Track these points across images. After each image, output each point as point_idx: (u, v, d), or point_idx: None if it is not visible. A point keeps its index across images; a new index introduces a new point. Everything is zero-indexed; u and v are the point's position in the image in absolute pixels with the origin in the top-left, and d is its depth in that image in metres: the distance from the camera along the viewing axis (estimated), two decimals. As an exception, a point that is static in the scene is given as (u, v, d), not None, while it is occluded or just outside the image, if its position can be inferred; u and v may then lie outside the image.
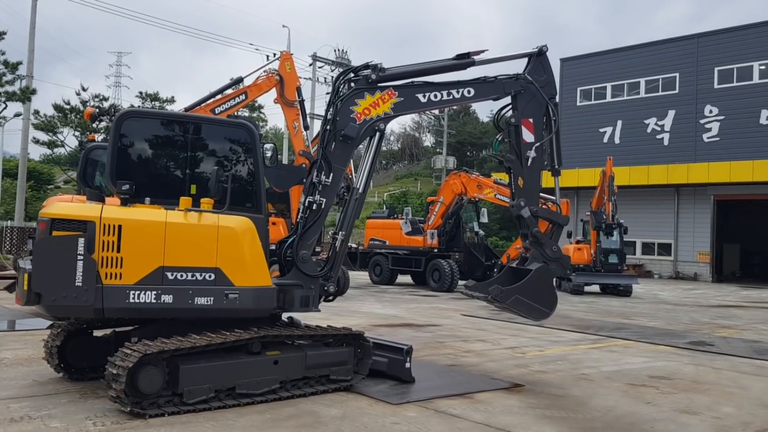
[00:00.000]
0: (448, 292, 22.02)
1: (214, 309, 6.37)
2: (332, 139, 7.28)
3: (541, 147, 8.13)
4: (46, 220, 6.03)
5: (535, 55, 8.19)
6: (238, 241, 6.60)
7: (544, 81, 8.18)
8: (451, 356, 9.69)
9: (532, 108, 8.11)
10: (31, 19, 29.46)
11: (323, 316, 14.03)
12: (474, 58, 7.80)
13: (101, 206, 6.13)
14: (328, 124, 7.30)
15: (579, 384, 8.19)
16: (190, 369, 6.11)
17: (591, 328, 13.83)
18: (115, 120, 6.56)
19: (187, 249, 6.34)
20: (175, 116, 7.34)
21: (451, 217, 23.67)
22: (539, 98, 8.13)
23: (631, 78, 44.01)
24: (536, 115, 8.14)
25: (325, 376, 7.08)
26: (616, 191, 24.86)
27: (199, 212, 6.43)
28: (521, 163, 8.12)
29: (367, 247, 25.49)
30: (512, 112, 8.19)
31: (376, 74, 7.34)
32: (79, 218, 6.00)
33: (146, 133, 6.83)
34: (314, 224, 7.24)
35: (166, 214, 6.30)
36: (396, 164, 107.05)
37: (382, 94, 7.38)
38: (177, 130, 6.94)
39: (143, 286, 6.11)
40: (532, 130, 8.11)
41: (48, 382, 6.96)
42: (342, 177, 7.45)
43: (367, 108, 7.34)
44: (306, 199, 7.21)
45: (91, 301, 5.92)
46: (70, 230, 5.96)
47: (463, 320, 14.37)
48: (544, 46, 8.22)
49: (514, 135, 8.17)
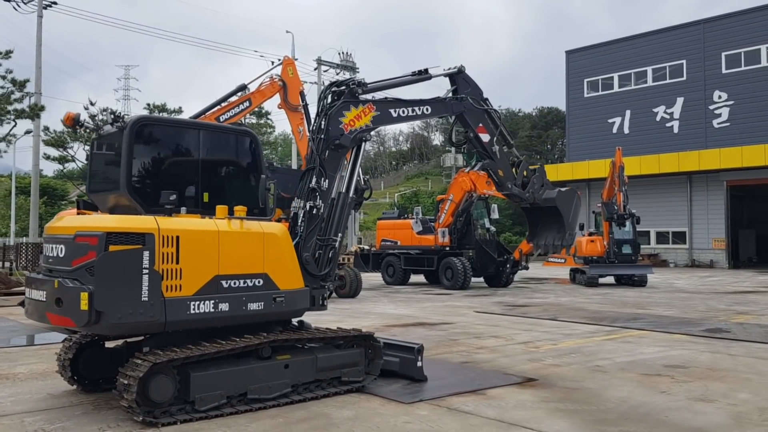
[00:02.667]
0: (462, 289, 21.96)
1: (263, 313, 6.60)
2: (326, 147, 7.59)
3: (497, 138, 10.16)
4: (99, 234, 5.76)
5: (456, 74, 9.74)
6: (280, 246, 6.83)
7: (471, 91, 9.85)
8: (464, 353, 9.67)
9: (477, 116, 9.92)
10: (37, 37, 29.72)
11: (337, 318, 14.10)
12: (431, 74, 9.26)
13: (155, 218, 6.08)
14: (321, 133, 7.65)
15: (593, 376, 8.14)
16: (201, 376, 6.13)
17: (605, 320, 13.74)
18: (129, 126, 6.51)
19: (238, 257, 6.46)
20: (187, 123, 7.39)
21: (461, 214, 23.59)
22: (476, 109, 9.90)
23: (638, 67, 43.78)
24: (482, 119, 10.00)
25: (337, 378, 7.09)
26: (626, 181, 24.72)
27: (241, 220, 6.55)
28: (493, 159, 10.22)
29: (379, 248, 25.49)
30: (465, 127, 9.97)
31: (361, 89, 7.98)
32: (137, 231, 5.89)
33: (159, 140, 6.86)
34: (314, 228, 7.37)
35: (216, 223, 6.36)
36: (406, 164, 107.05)
37: (364, 108, 8.01)
38: (189, 136, 6.98)
39: (202, 296, 6.17)
40: (485, 131, 10.02)
41: (62, 395, 7.01)
42: (334, 182, 7.62)
43: (353, 120, 7.86)
44: (306, 204, 7.31)
45: (156, 316, 5.89)
46: (129, 244, 5.80)
47: (476, 317, 14.33)
48: (462, 65, 9.83)
49: (477, 144, 10.03)
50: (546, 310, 15.74)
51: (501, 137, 10.26)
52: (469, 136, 9.99)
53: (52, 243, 6.29)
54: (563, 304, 17.62)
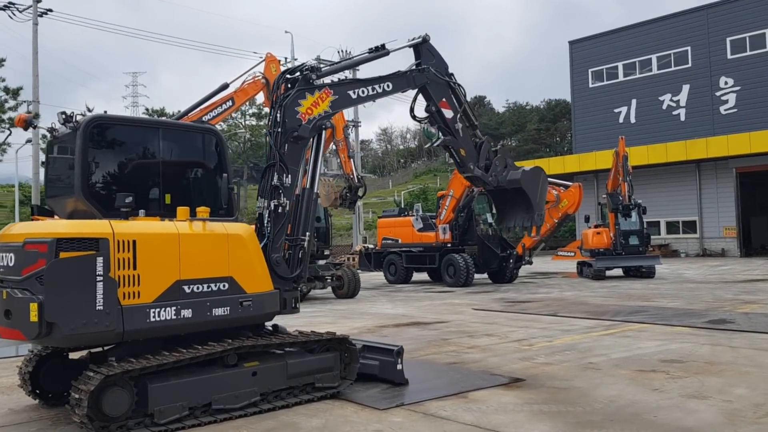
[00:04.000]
0: (465, 286, 21.57)
1: (230, 318, 6.28)
2: (285, 141, 7.20)
3: (461, 116, 9.49)
4: (48, 240, 5.45)
5: (420, 44, 9.14)
6: (246, 247, 6.52)
7: (436, 63, 9.22)
8: (453, 354, 9.31)
9: (440, 90, 9.26)
10: (33, 45, 29.65)
11: (331, 319, 13.80)
12: (388, 49, 8.66)
13: (109, 222, 5.77)
14: (278, 126, 7.23)
15: (584, 374, 7.76)
16: (160, 387, 5.81)
17: (606, 314, 13.33)
18: (82, 126, 6.18)
19: (200, 260, 6.16)
20: (146, 122, 7.11)
21: (462, 210, 23.19)
22: (441, 81, 9.23)
23: (642, 55, 43.18)
24: (445, 93, 9.34)
25: (310, 384, 6.76)
26: (630, 171, 24.19)
27: (203, 221, 6.24)
28: (455, 137, 9.51)
29: (381, 247, 25.13)
30: (427, 101, 9.27)
31: (315, 74, 7.51)
32: (90, 236, 5.56)
33: (115, 140, 6.55)
34: (282, 226, 7.01)
35: (176, 226, 6.06)
36: (414, 162, 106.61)
37: (320, 93, 7.56)
38: (147, 136, 6.66)
39: (162, 302, 5.86)
40: (449, 106, 9.38)
41: (24, 410, 6.73)
42: (296, 177, 7.21)
43: (310, 108, 7.43)
44: (270, 203, 6.95)
45: (113, 325, 5.58)
46: (82, 249, 5.49)
47: (473, 315, 13.96)
48: (426, 35, 9.20)
49: (439, 119, 9.38)
50: (547, 306, 15.34)
51: (465, 116, 9.61)
52: (431, 110, 9.39)
53: (2, 252, 5.98)
54: (566, 298, 17.20)
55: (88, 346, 6.26)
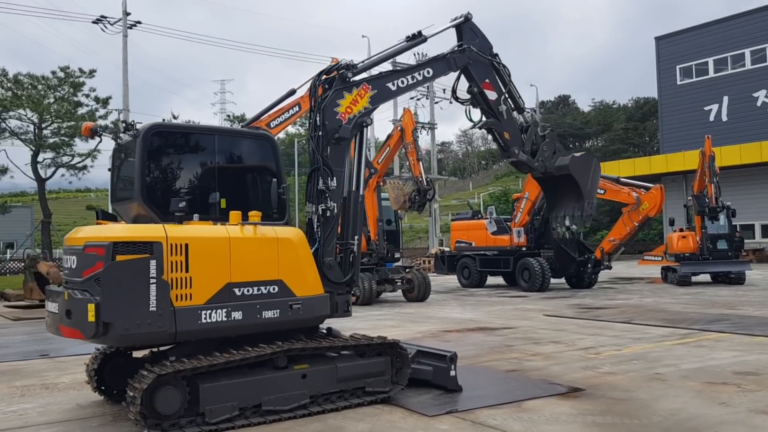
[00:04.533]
0: (540, 291, 21.11)
1: (280, 321, 6.37)
2: (327, 144, 7.13)
3: (505, 98, 9.24)
4: (105, 244, 5.70)
5: (462, 23, 8.85)
6: (296, 251, 6.60)
7: (479, 42, 8.92)
8: (515, 361, 9.11)
9: (483, 71, 8.99)
10: (123, 55, 31.07)
11: (396, 323, 13.80)
12: (425, 35, 8.26)
13: (163, 226, 5.99)
14: (319, 130, 7.15)
15: (648, 385, 7.43)
16: (211, 387, 5.95)
17: (685, 322, 12.73)
18: (141, 133, 6.45)
19: (251, 263, 6.28)
20: (201, 129, 7.28)
21: (538, 213, 22.74)
22: (484, 60, 8.96)
23: (735, 50, 41.07)
24: (489, 74, 9.08)
25: (361, 388, 6.77)
26: (717, 172, 23.05)
27: (254, 225, 6.37)
28: (499, 119, 9.21)
29: (454, 250, 24.95)
30: (469, 82, 8.99)
31: (351, 72, 7.35)
32: (144, 239, 5.77)
33: (173, 147, 6.78)
34: (332, 230, 7.03)
35: (227, 230, 6.23)
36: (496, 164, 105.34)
37: (359, 90, 7.40)
38: (204, 142, 6.87)
39: (214, 304, 6.01)
40: (492, 88, 9.11)
41: (90, 405, 7.05)
42: (342, 178, 7.17)
43: (349, 106, 7.30)
44: (317, 208, 6.97)
45: (166, 326, 5.77)
46: (136, 253, 5.71)
47: (543, 321, 13.63)
48: (469, 13, 8.90)
49: (481, 100, 9.10)
50: (623, 313, 14.81)
51: (510, 98, 9.28)
52: (473, 91, 9.01)
53: (67, 255, 6.31)
54: (645, 305, 16.54)
55: (142, 345, 6.48)
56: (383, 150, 18.55)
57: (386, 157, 18.31)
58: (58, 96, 25.95)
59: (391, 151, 18.38)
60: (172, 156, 6.71)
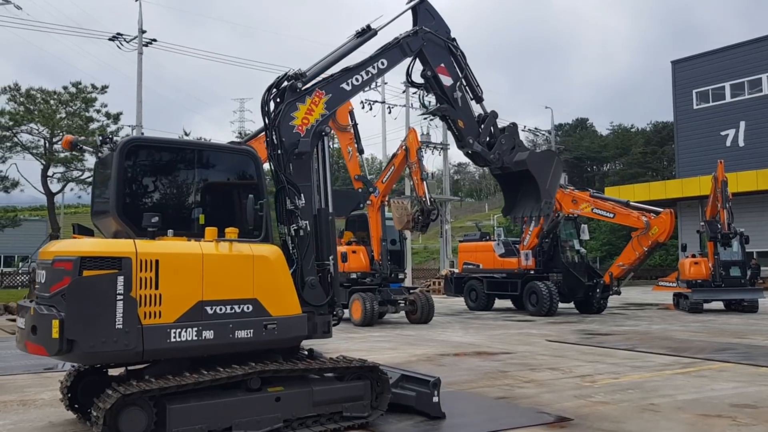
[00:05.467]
0: (548, 315, 20.74)
1: (253, 341, 6.17)
2: (288, 161, 6.89)
3: (461, 84, 8.78)
4: (73, 259, 5.59)
5: (419, 4, 8.48)
6: (273, 269, 6.41)
7: (436, 25, 8.58)
8: (507, 388, 8.84)
9: (438, 54, 8.57)
10: (138, 73, 31.43)
11: (393, 345, 13.56)
12: (375, 29, 7.91)
13: (133, 241, 5.86)
14: (277, 148, 6.89)
15: (640, 416, 7.15)
16: (179, 409, 5.77)
17: (689, 351, 12.37)
18: (118, 148, 6.32)
19: (224, 281, 6.12)
20: (180, 143, 7.17)
21: (547, 235, 22.44)
22: (440, 43, 8.59)
23: (752, 74, 40.68)
24: (444, 59, 8.64)
25: (338, 413, 6.55)
26: (730, 197, 22.65)
27: (230, 242, 6.20)
28: (453, 106, 8.71)
29: (462, 272, 24.66)
30: (423, 65, 8.53)
31: (301, 81, 7.05)
32: (112, 255, 5.65)
33: (151, 161, 6.66)
34: (308, 248, 6.82)
35: (201, 246, 6.09)
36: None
37: (312, 98, 7.13)
38: (183, 157, 6.74)
39: (184, 323, 5.84)
40: (447, 73, 8.66)
41: (62, 423, 6.90)
42: (311, 193, 6.96)
43: (305, 117, 7.04)
44: (290, 228, 6.77)
45: (132, 344, 5.61)
46: (104, 268, 5.58)
47: (544, 346, 13.32)
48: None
49: (435, 85, 8.64)
50: (628, 339, 14.45)
51: (468, 85, 8.79)
52: (426, 75, 8.48)
53: (39, 269, 6.19)
54: (652, 332, 16.16)
55: (108, 364, 6.32)
56: (387, 169, 18.42)
57: (390, 176, 18.16)
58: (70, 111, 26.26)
59: (395, 170, 18.22)
60: (149, 170, 6.59)
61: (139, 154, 6.51)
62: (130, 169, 6.40)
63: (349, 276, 18.05)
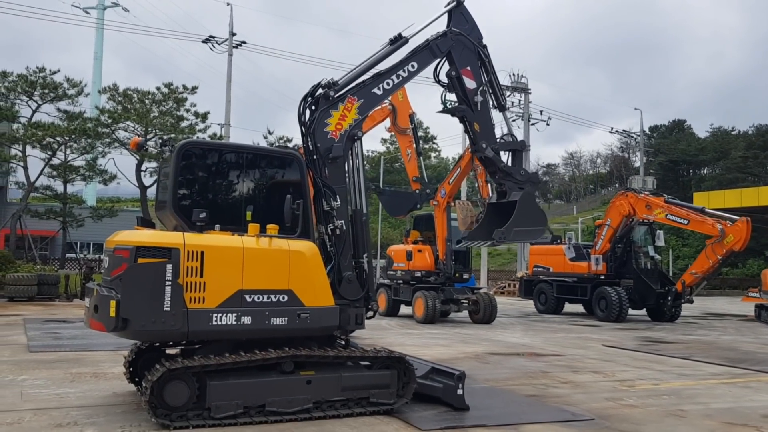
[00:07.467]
0: (617, 322, 20.52)
1: (287, 328, 6.78)
2: (323, 165, 7.45)
3: (484, 90, 9.01)
4: (130, 248, 6.35)
5: (454, 8, 8.75)
6: (307, 264, 7.01)
7: (469, 29, 8.86)
8: (542, 387, 9.10)
9: (466, 57, 8.84)
10: (228, 73, 33.06)
11: (448, 342, 13.97)
12: (405, 36, 8.20)
13: (183, 234, 6.63)
14: (313, 153, 7.46)
15: (663, 420, 7.29)
16: (218, 385, 6.46)
17: (746, 362, 12.14)
18: (176, 150, 7.10)
19: (262, 273, 6.77)
20: (232, 146, 7.87)
21: (620, 240, 22.15)
22: (470, 46, 8.86)
23: None
24: (471, 62, 8.91)
25: (366, 398, 7.08)
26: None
27: (269, 237, 6.86)
28: (472, 109, 8.95)
29: (532, 274, 24.65)
30: (449, 66, 8.81)
31: (333, 90, 7.51)
32: (163, 245, 6.40)
33: (204, 163, 7.41)
34: (345, 246, 7.39)
35: (242, 240, 6.79)
36: (605, 188, 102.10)
37: (345, 104, 7.56)
38: (233, 159, 7.45)
39: (224, 308, 6.53)
40: (472, 76, 8.94)
41: (124, 394, 7.74)
42: (346, 194, 7.49)
43: (338, 123, 7.53)
44: (326, 228, 7.35)
45: (178, 325, 6.35)
46: (156, 257, 6.35)
47: (598, 351, 13.37)
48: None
49: (458, 86, 8.92)
50: (688, 348, 14.26)
51: (491, 92, 9.01)
52: (451, 75, 8.74)
53: (104, 255, 7.04)
54: (718, 342, 15.80)
55: (157, 342, 7.08)
56: (454, 170, 18.77)
57: (457, 177, 18.50)
58: (162, 110, 28.03)
59: (462, 172, 18.55)
60: (202, 170, 7.32)
61: (193, 156, 7.26)
62: (185, 168, 7.15)
63: (413, 274, 18.55)
